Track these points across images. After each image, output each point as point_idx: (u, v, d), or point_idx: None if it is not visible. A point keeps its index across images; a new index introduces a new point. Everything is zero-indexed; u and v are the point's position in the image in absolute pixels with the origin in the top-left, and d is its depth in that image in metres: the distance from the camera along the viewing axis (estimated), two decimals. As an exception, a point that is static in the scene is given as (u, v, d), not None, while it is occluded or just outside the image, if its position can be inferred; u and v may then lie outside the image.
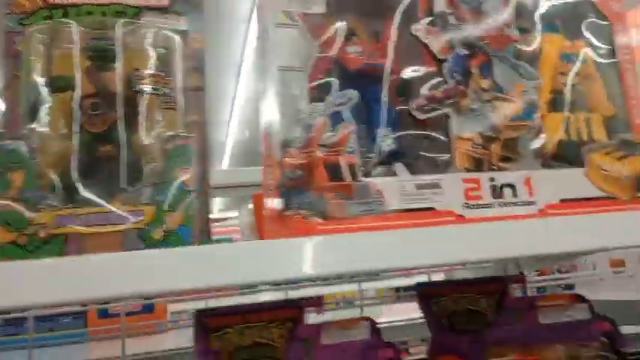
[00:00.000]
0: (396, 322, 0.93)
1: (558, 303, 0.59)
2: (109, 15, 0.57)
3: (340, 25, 0.54)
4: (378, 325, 0.55)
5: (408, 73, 0.54)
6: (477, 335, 0.59)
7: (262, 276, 0.44)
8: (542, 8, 0.60)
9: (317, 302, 0.54)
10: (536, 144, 0.56)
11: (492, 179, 0.53)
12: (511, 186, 0.53)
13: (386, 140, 0.52)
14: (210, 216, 0.56)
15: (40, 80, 0.50)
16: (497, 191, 0.52)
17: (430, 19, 0.55)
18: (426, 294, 0.63)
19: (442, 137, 0.53)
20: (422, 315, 0.62)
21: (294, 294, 1.25)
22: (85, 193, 0.48)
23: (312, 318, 0.57)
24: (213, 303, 1.36)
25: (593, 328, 0.59)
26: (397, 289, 1.91)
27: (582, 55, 0.60)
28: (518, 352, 0.57)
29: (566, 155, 0.57)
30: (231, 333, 0.49)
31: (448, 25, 0.55)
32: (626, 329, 0.59)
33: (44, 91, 0.50)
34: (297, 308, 0.52)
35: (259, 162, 0.48)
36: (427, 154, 0.53)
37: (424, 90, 0.53)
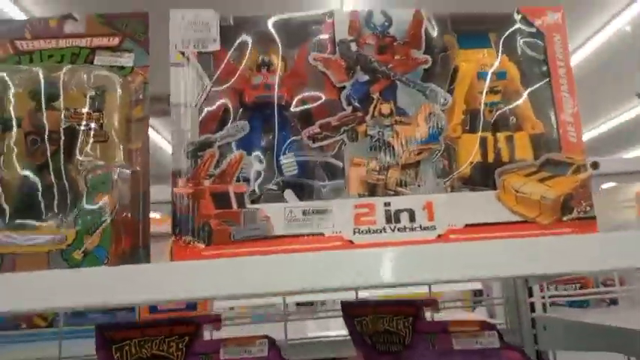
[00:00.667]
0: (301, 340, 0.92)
1: (469, 329, 0.57)
2: (66, 58, 0.65)
3: (249, 56, 0.57)
4: (276, 343, 0.57)
5: (307, 102, 0.56)
6: (396, 356, 0.59)
7: (144, 297, 0.48)
8: (460, 24, 0.59)
9: (215, 319, 0.58)
10: (444, 167, 0.55)
11: (387, 204, 0.53)
12: (409, 211, 0.53)
13: (287, 168, 0.55)
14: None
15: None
16: (392, 216, 0.53)
17: (331, 48, 0.56)
18: (349, 313, 0.63)
19: (339, 164, 0.54)
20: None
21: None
22: (21, 218, 0.56)
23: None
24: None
25: (503, 356, 0.56)
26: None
27: (506, 71, 0.58)
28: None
29: (480, 178, 0.55)
30: (131, 345, 0.54)
31: (349, 53, 0.56)
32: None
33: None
34: (195, 324, 0.56)
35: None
36: (324, 181, 0.54)
37: (321, 118, 0.55)
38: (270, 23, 0.58)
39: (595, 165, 0.96)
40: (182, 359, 0.55)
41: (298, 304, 2.20)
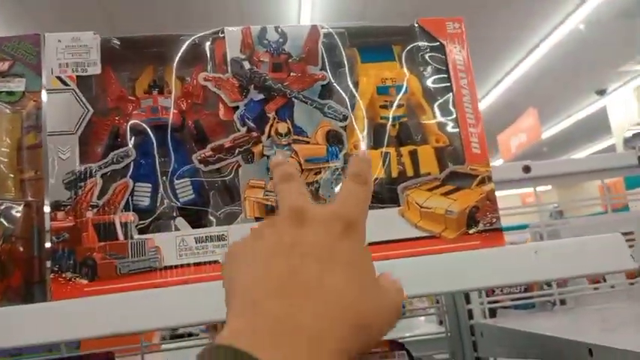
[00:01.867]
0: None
1: (379, 350, 0.55)
2: (-47, 85, 0.61)
3: (138, 78, 0.55)
4: None
5: (201, 123, 0.53)
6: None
7: (22, 339, 0.45)
8: (362, 37, 0.57)
9: (107, 358, 0.54)
10: (345, 185, 0.53)
11: (287, 227, 0.51)
12: (309, 232, 0.51)
13: (181, 192, 0.52)
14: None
15: None
16: (291, 239, 0.50)
17: (224, 68, 0.54)
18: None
19: (236, 186, 0.52)
20: None
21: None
22: None
23: None
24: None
25: None
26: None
27: (407, 84, 0.57)
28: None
29: (384, 194, 0.54)
30: None
31: (242, 71, 0.54)
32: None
33: None
34: (107, 356, 0.53)
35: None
36: (220, 206, 0.52)
37: (216, 140, 0.52)
38: (162, 43, 0.55)
39: (527, 169, 0.96)
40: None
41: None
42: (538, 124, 6.09)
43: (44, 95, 0.50)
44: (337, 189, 0.53)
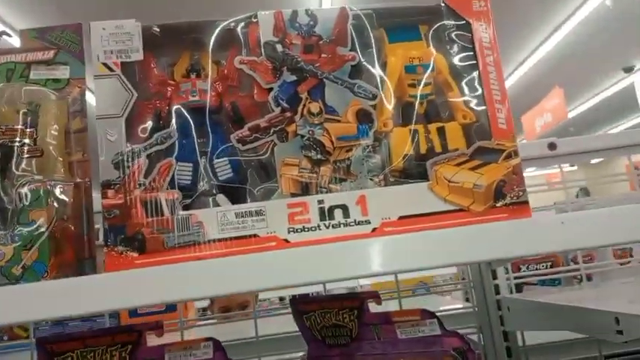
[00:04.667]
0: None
1: (410, 319, 0.57)
2: (2, 74, 0.65)
3: (177, 63, 0.57)
4: (222, 344, 0.57)
5: (237, 105, 0.56)
6: (344, 349, 0.59)
7: (80, 309, 0.49)
8: (389, 18, 0.59)
9: (157, 326, 0.58)
10: (376, 162, 0.56)
11: (321, 201, 0.53)
12: (342, 207, 0.53)
13: (220, 171, 0.55)
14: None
15: None
16: (326, 213, 0.53)
17: (257, 51, 0.56)
18: (298, 309, 0.64)
19: (272, 165, 0.55)
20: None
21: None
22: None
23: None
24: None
25: (444, 343, 0.56)
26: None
27: (434, 63, 0.58)
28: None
29: (413, 170, 0.56)
30: (73, 357, 0.55)
31: (275, 54, 0.56)
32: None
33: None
34: (136, 332, 0.57)
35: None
36: (258, 184, 0.55)
37: (252, 121, 0.55)
38: (198, 29, 0.58)
39: (552, 146, 0.97)
40: (126, 368, 0.56)
41: (281, 298, 2.21)
42: (563, 104, 5.97)
43: (90, 81, 0.53)
44: (367, 165, 0.55)
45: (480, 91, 0.58)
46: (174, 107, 0.55)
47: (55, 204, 0.58)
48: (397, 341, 0.57)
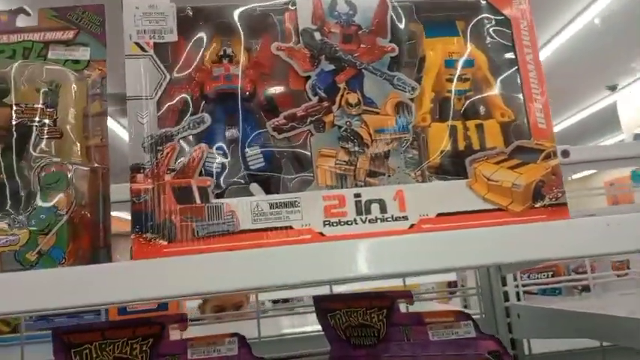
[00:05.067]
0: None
1: (444, 320, 0.56)
2: (18, 53, 0.62)
3: (209, 47, 0.55)
4: (247, 340, 0.55)
5: (271, 92, 0.54)
6: (371, 349, 0.57)
7: (104, 298, 0.46)
8: (426, 12, 0.58)
9: (181, 319, 0.55)
10: (413, 157, 0.54)
11: (358, 195, 0.51)
12: (379, 201, 0.52)
13: (252, 160, 0.53)
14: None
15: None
16: (362, 207, 0.51)
17: (294, 38, 0.54)
18: (322, 307, 0.62)
19: (307, 155, 0.53)
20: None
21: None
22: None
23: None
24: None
25: (479, 347, 0.55)
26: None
27: (473, 59, 0.57)
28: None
29: (451, 166, 0.54)
30: (91, 349, 0.52)
31: (313, 42, 0.54)
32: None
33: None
34: (159, 325, 0.54)
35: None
36: (292, 174, 0.53)
37: (286, 109, 0.53)
38: (231, 13, 0.56)
39: (565, 153, 0.97)
40: (147, 362, 0.53)
41: (274, 301, 2.17)
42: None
43: (125, 61, 0.51)
44: (405, 160, 0.54)
45: (519, 90, 0.57)
46: (209, 92, 0.52)
47: (74, 188, 0.56)
48: (428, 343, 0.55)
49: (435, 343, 0.55)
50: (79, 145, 0.60)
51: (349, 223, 0.51)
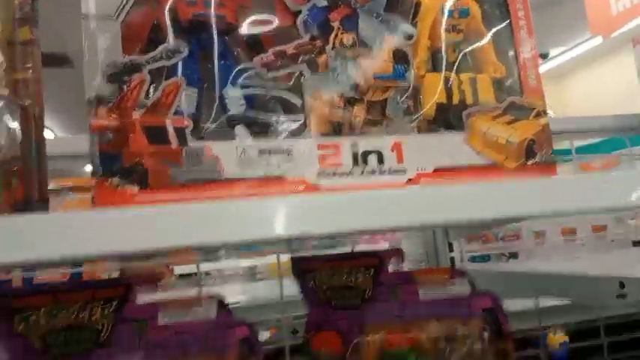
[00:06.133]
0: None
1: (437, 277, 0.54)
2: None
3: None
4: (226, 303, 0.49)
5: (255, 26, 0.47)
6: (355, 311, 0.54)
7: (60, 251, 0.37)
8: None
9: (150, 278, 0.48)
10: (410, 107, 0.50)
11: (354, 145, 0.47)
12: (377, 153, 0.47)
13: (233, 101, 0.46)
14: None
15: None
16: (359, 158, 0.47)
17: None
18: (301, 269, 0.57)
19: (297, 98, 0.47)
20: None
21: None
22: None
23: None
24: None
25: (473, 304, 0.54)
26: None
27: (468, 9, 0.54)
28: (396, 328, 0.51)
29: (446, 119, 0.51)
30: (39, 315, 0.42)
31: (305, -28, 0.48)
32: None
33: None
34: (124, 286, 0.46)
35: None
36: (280, 118, 0.46)
37: (271, 46, 0.46)
38: None
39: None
40: (109, 328, 0.44)
41: (180, 275, 2.03)
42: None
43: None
44: (403, 109, 0.50)
45: (511, 44, 0.55)
46: (181, 18, 0.44)
47: (7, 126, 0.45)
48: (417, 303, 0.52)
49: (424, 303, 0.52)
50: (3, 77, 0.49)
51: (345, 174, 0.46)
